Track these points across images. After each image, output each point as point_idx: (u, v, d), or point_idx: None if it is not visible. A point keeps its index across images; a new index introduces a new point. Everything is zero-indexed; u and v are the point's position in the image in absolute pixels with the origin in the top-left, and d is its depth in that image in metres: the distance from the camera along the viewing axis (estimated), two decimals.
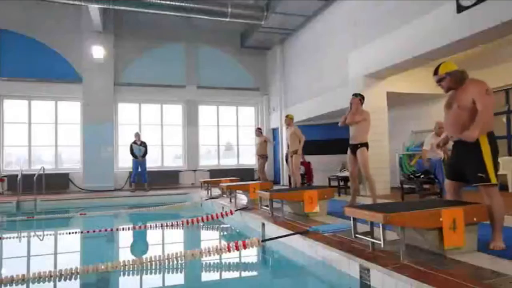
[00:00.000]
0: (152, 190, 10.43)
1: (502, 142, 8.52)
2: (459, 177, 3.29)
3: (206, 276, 3.55)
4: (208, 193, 8.54)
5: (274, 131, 12.91)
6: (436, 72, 3.28)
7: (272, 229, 4.46)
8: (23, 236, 5.77)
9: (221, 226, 5.98)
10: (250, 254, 3.92)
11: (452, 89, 3.27)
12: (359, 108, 5.76)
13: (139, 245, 5.27)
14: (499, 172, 7.84)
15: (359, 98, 5.82)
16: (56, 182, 10.44)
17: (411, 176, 6.54)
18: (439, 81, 3.28)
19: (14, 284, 3.03)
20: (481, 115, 2.98)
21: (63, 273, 3.16)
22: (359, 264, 2.82)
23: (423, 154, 6.63)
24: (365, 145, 5.64)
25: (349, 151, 5.79)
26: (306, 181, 9.28)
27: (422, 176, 6.32)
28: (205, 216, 5.84)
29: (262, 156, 9.95)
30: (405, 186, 6.59)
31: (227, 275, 3.55)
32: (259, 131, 10.11)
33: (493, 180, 3.00)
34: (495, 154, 3.07)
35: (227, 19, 10.15)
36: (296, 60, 11.26)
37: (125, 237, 5.54)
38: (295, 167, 7.80)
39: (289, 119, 7.94)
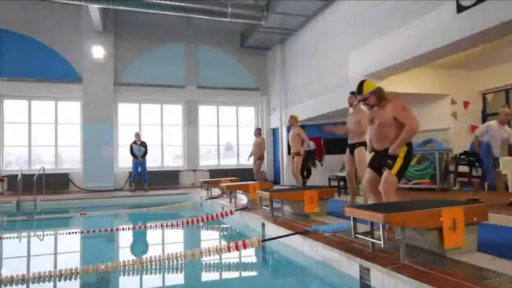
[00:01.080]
0: (152, 190, 10.43)
1: None
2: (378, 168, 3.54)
3: (206, 276, 3.55)
4: (208, 193, 8.54)
5: (274, 131, 12.92)
6: (360, 92, 3.51)
7: (272, 229, 4.46)
8: (23, 236, 5.77)
9: (221, 226, 5.98)
10: (250, 254, 3.92)
11: (375, 106, 3.52)
12: (357, 106, 5.77)
13: (139, 245, 5.27)
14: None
15: (355, 95, 5.82)
16: (56, 182, 10.44)
17: (463, 155, 6.33)
18: (364, 100, 3.52)
19: (14, 284, 3.03)
20: (405, 133, 3.28)
21: (63, 273, 3.16)
22: (359, 264, 2.82)
23: (476, 140, 6.35)
24: (363, 144, 5.63)
25: (347, 151, 5.81)
26: (317, 157, 9.22)
27: (471, 157, 6.12)
28: (205, 216, 5.84)
29: (258, 157, 9.95)
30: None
31: (227, 275, 3.55)
32: (258, 132, 10.07)
33: (394, 171, 3.31)
34: (408, 160, 3.38)
35: (227, 19, 10.14)
36: (296, 60, 11.26)
37: (125, 237, 5.54)
38: (296, 168, 7.79)
39: (293, 120, 7.89)
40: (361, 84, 3.54)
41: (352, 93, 5.93)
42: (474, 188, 6.06)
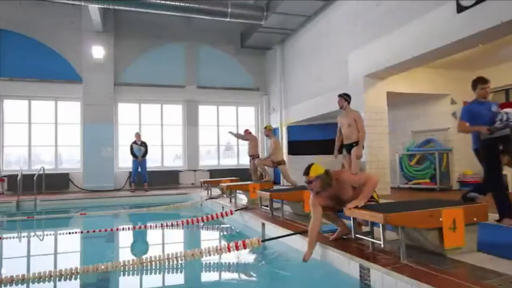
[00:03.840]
0: (152, 190, 10.43)
1: None
2: None
3: (206, 276, 3.55)
4: (208, 193, 8.55)
5: (274, 131, 12.86)
6: (307, 174, 3.25)
7: (272, 229, 4.47)
8: (23, 236, 5.78)
9: (221, 226, 5.98)
10: (250, 254, 3.91)
11: (320, 192, 3.29)
12: (347, 107, 5.90)
13: (139, 245, 5.27)
14: None
15: (344, 97, 5.95)
16: (56, 182, 10.44)
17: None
18: (309, 183, 3.27)
19: (14, 284, 3.03)
20: (367, 189, 3.13)
21: (63, 273, 3.16)
22: (359, 264, 2.82)
23: None
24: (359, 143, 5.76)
25: (345, 151, 5.88)
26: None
27: None
28: (205, 216, 5.84)
29: (255, 157, 9.96)
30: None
31: (227, 275, 3.55)
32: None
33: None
34: None
35: (227, 19, 10.14)
36: (296, 60, 11.25)
37: (125, 237, 5.54)
38: (285, 175, 8.12)
39: (267, 130, 8.27)
40: (308, 167, 3.29)
41: (340, 95, 6.05)
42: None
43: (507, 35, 5.39)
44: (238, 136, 10.30)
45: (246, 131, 10.23)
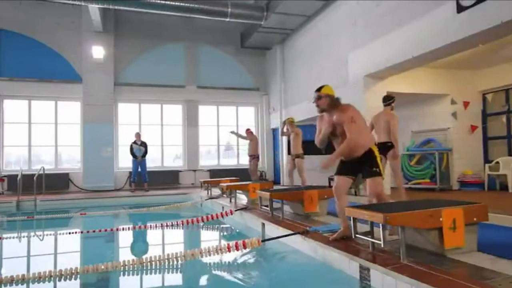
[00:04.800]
0: (152, 190, 10.43)
1: (502, 142, 8.52)
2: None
3: (206, 276, 3.55)
4: (208, 193, 8.54)
5: (274, 131, 12.91)
6: (319, 90, 3.57)
7: (272, 229, 4.47)
8: (23, 236, 5.78)
9: (221, 226, 5.98)
10: (250, 254, 3.91)
11: (325, 111, 3.60)
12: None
13: (139, 245, 5.27)
14: (499, 172, 7.89)
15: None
16: (56, 182, 10.44)
17: None
18: (318, 99, 3.57)
19: (14, 284, 3.03)
20: (345, 144, 3.41)
21: (63, 273, 3.16)
22: (359, 264, 2.82)
23: None
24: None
25: None
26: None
27: None
28: (205, 216, 5.84)
29: (255, 157, 9.99)
30: None
31: (227, 275, 3.55)
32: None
33: (383, 176, 3.54)
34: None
35: (227, 19, 10.14)
36: (296, 60, 11.25)
37: (125, 237, 5.54)
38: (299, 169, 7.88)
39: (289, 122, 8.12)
40: (321, 86, 3.62)
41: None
42: None
43: (507, 35, 5.39)
44: (240, 136, 10.33)
45: (247, 130, 10.26)
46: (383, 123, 5.64)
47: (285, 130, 8.55)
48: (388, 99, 5.78)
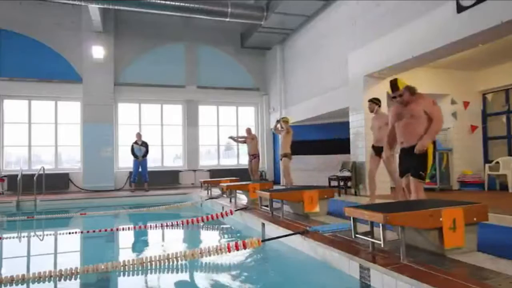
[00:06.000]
0: (152, 190, 10.43)
1: (502, 142, 8.52)
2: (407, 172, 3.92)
3: (206, 276, 3.55)
4: (208, 193, 8.54)
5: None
6: (396, 89, 3.79)
7: (272, 229, 4.46)
8: (23, 236, 5.78)
9: (221, 226, 5.98)
10: (250, 254, 3.91)
11: (407, 102, 3.80)
12: (379, 111, 6.22)
13: (139, 245, 5.26)
14: (499, 172, 7.88)
15: (373, 101, 6.28)
16: (56, 182, 10.44)
17: None
18: (400, 96, 3.79)
19: (14, 284, 3.03)
20: (433, 126, 3.62)
21: (63, 273, 3.16)
22: (359, 264, 2.82)
23: None
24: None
25: (372, 152, 6.04)
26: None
27: None
28: (205, 216, 5.84)
29: (255, 156, 10.00)
30: None
31: (227, 275, 3.55)
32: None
33: (427, 178, 3.77)
34: (434, 156, 3.74)
35: (227, 19, 10.15)
36: (296, 60, 11.25)
37: (125, 237, 5.54)
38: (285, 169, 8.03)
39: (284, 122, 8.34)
40: (395, 82, 3.82)
41: (370, 100, 6.18)
42: None
43: (507, 35, 5.39)
44: (238, 140, 10.33)
45: (248, 129, 10.26)
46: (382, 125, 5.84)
47: (278, 127, 8.64)
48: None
